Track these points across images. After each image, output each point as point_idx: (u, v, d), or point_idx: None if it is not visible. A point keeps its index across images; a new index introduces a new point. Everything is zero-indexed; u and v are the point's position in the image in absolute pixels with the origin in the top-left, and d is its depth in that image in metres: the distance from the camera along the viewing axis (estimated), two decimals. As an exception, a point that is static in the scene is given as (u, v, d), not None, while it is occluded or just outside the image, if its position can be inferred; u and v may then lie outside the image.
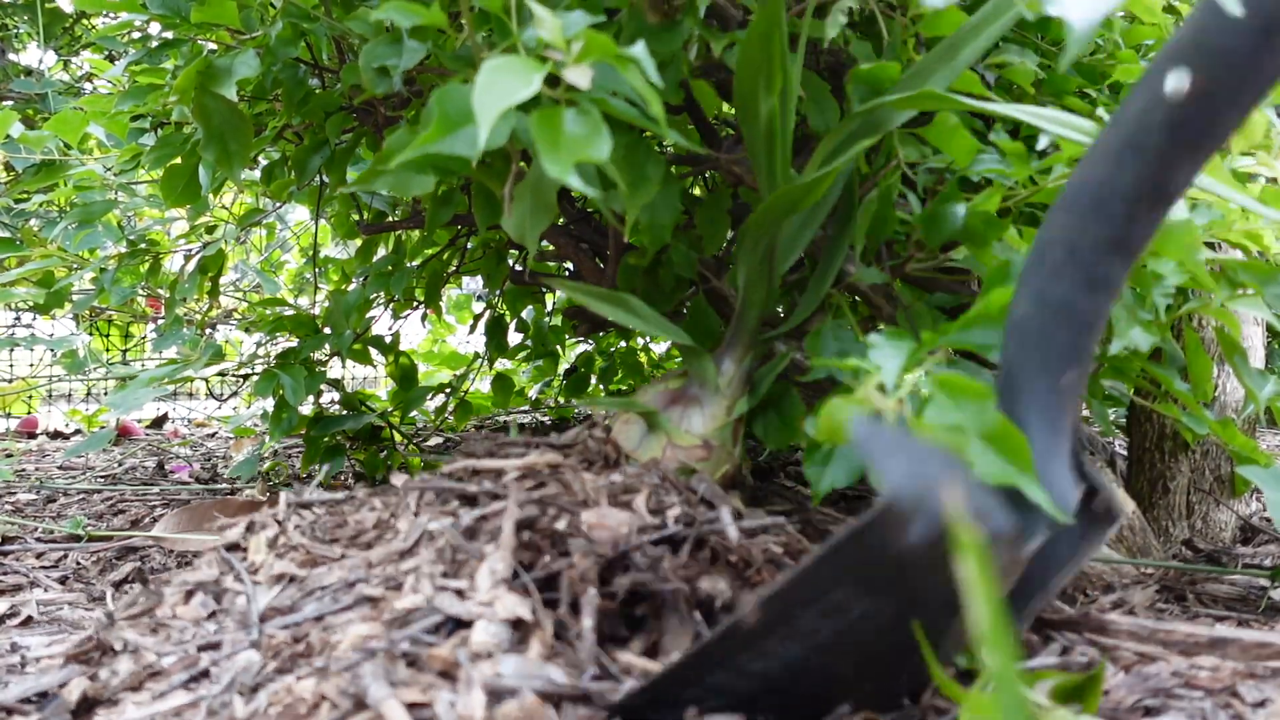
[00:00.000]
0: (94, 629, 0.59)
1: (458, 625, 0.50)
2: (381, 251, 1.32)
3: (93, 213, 1.07)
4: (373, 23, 0.72)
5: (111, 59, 1.65)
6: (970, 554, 0.24)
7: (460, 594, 0.52)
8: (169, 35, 0.85)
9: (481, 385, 1.85)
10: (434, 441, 1.56)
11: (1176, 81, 0.40)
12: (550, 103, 0.49)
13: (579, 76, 0.47)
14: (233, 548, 0.68)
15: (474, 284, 2.16)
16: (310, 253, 1.46)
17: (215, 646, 0.54)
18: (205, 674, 0.52)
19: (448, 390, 1.45)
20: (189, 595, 0.61)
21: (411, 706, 0.43)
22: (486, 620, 0.49)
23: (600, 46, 0.48)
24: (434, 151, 0.48)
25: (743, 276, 0.72)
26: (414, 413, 1.50)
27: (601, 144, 0.47)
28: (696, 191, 1.24)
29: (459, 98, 0.50)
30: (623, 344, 1.67)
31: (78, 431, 2.01)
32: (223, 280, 1.54)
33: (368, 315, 1.10)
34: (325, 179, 1.05)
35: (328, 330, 1.07)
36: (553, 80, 0.49)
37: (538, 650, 0.48)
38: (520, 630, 0.49)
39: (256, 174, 1.19)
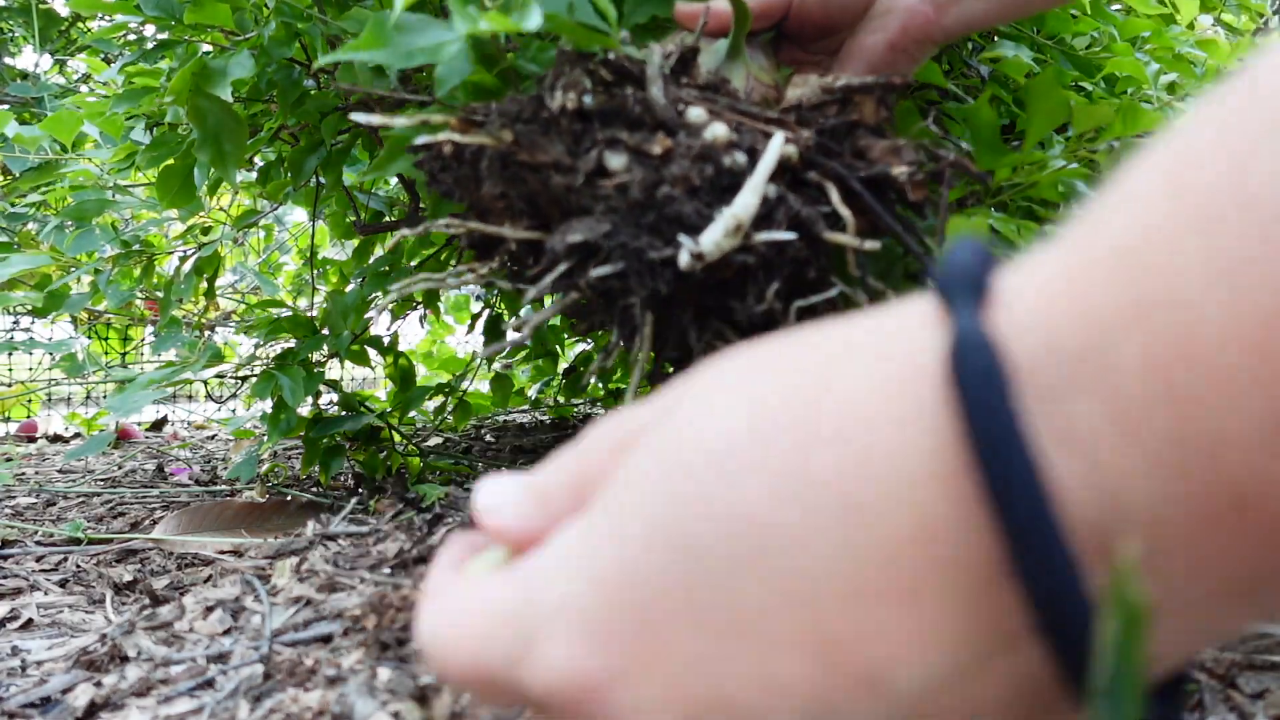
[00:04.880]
0: (111, 633, 0.59)
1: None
2: (379, 252, 1.32)
3: (86, 210, 1.07)
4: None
5: (107, 61, 1.65)
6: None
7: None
8: (163, 36, 0.85)
9: (481, 385, 1.85)
10: (433, 442, 1.56)
11: None
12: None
13: None
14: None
15: (472, 283, 2.15)
16: (308, 254, 1.46)
17: (224, 658, 0.55)
18: (211, 683, 0.52)
19: (446, 390, 1.45)
20: (209, 611, 0.63)
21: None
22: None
23: None
24: (361, 61, 0.47)
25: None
26: (413, 413, 1.50)
27: (532, 17, 0.46)
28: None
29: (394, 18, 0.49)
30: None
31: (77, 435, 2.01)
32: (221, 282, 1.54)
33: (366, 316, 1.10)
34: (322, 180, 1.05)
35: (326, 331, 1.07)
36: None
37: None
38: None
39: (253, 175, 1.19)
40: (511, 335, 0.47)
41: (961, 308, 0.19)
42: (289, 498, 1.05)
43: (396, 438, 1.20)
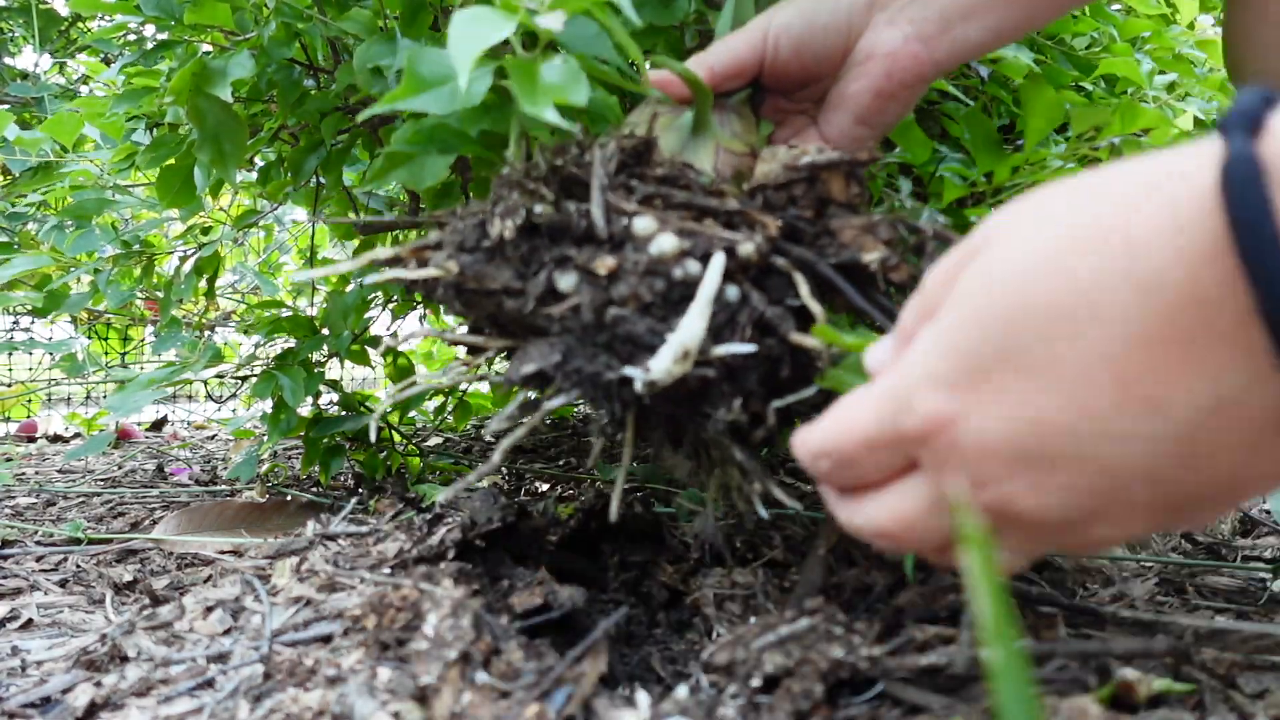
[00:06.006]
0: (111, 633, 0.59)
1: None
2: (379, 252, 1.32)
3: (86, 210, 1.07)
4: (366, 23, 0.71)
5: (107, 61, 1.65)
6: (973, 545, 0.24)
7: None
8: (163, 36, 0.85)
9: (481, 385, 1.84)
10: (433, 442, 1.56)
11: None
12: (526, 57, 0.49)
13: (552, 21, 0.46)
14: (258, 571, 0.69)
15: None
16: (308, 254, 1.46)
17: (224, 658, 0.55)
18: (211, 683, 0.52)
19: (446, 391, 1.45)
20: (208, 611, 0.63)
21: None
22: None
23: None
24: (407, 109, 0.48)
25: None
26: (413, 413, 1.50)
27: (580, 90, 0.46)
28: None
29: (432, 58, 0.50)
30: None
31: (77, 435, 2.01)
32: (221, 282, 1.54)
33: (366, 316, 1.10)
34: (322, 179, 1.05)
35: (326, 331, 1.07)
36: (530, 41, 0.49)
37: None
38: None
39: (253, 175, 1.19)
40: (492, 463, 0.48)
41: (1235, 137, 0.26)
42: (289, 498, 1.05)
43: (396, 438, 1.20)
